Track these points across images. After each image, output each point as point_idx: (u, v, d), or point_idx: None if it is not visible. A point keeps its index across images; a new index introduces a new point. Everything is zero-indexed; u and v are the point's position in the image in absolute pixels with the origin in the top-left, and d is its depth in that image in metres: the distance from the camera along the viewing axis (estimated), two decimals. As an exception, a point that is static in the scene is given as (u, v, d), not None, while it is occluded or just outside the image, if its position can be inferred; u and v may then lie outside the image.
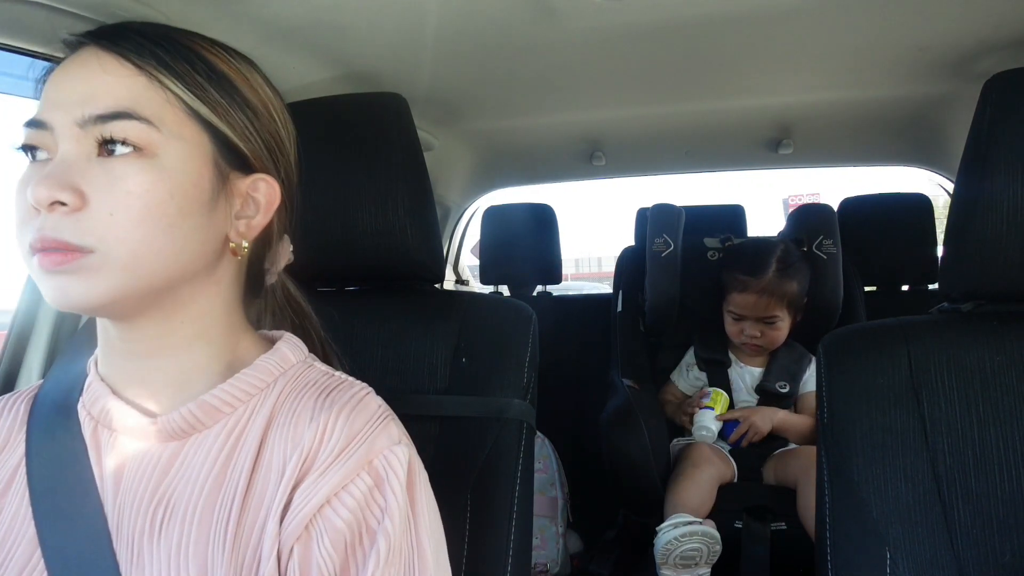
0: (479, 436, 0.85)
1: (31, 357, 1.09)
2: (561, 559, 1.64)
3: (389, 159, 0.90)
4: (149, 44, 0.51)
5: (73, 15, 0.85)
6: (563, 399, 1.96)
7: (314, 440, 0.52)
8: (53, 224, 0.47)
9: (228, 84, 0.54)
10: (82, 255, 0.47)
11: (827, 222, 1.65)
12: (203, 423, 0.54)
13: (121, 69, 0.50)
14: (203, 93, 0.52)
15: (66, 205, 0.47)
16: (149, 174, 0.49)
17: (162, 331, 0.54)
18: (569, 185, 2.43)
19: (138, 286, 0.50)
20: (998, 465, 0.76)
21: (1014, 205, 0.75)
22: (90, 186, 0.48)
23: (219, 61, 0.55)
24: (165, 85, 0.51)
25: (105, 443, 0.54)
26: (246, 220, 0.56)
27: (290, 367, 0.58)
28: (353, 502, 0.50)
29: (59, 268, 0.47)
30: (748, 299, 1.57)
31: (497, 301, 0.99)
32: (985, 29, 1.14)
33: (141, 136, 0.49)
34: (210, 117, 0.52)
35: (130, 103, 0.49)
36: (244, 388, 0.55)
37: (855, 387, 0.82)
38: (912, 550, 0.74)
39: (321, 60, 1.20)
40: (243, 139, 0.55)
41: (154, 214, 0.49)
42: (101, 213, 0.47)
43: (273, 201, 0.58)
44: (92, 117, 0.48)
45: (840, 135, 1.86)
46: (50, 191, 0.46)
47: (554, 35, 1.14)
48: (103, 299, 0.49)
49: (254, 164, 0.56)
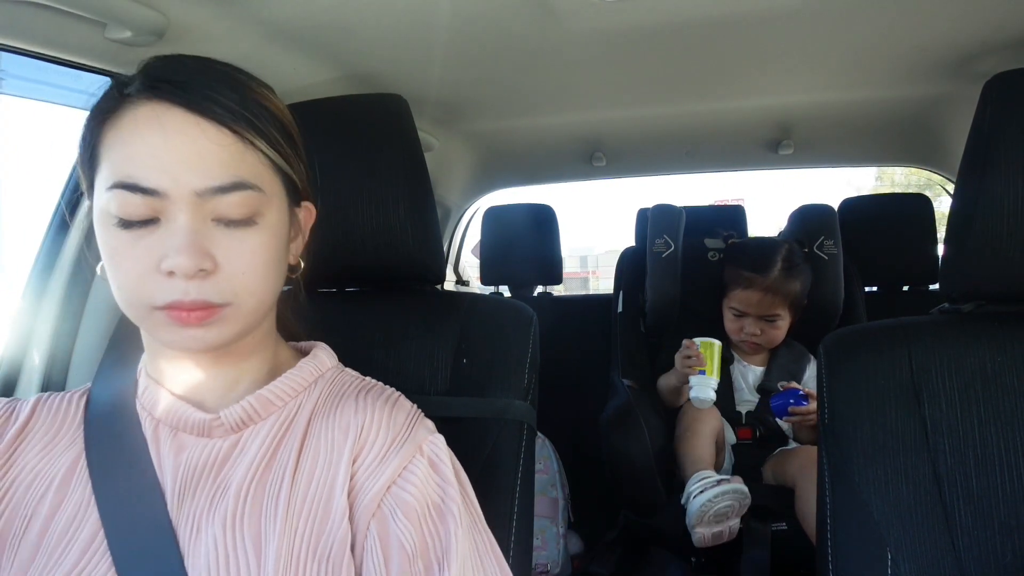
0: (480, 437, 0.85)
1: (30, 359, 1.09)
2: (562, 560, 1.64)
3: (390, 160, 0.90)
4: (238, 108, 0.55)
5: (73, 15, 0.85)
6: (564, 400, 1.96)
7: (361, 428, 0.60)
8: (197, 288, 0.53)
9: (286, 129, 0.60)
10: (223, 309, 0.54)
11: (828, 222, 1.65)
12: (259, 415, 0.61)
13: (222, 137, 0.54)
14: (282, 149, 0.58)
15: (206, 271, 0.53)
16: (263, 234, 0.56)
17: (233, 346, 0.60)
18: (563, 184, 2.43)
19: (257, 321, 0.59)
20: (999, 466, 0.76)
21: (1014, 205, 0.75)
22: (219, 250, 0.54)
23: (273, 106, 0.59)
24: (255, 145, 0.56)
25: (164, 438, 0.60)
26: (296, 243, 0.65)
27: (327, 370, 0.67)
28: (417, 480, 0.58)
29: (206, 323, 0.54)
30: (752, 296, 1.57)
31: (498, 302, 0.99)
32: (986, 30, 1.14)
33: (254, 204, 0.55)
34: (286, 169, 0.59)
35: (242, 173, 0.54)
36: (292, 385, 0.63)
37: (856, 388, 0.82)
38: (913, 551, 0.74)
39: (322, 61, 1.20)
40: (298, 175, 0.61)
41: (270, 266, 0.57)
42: (234, 274, 0.54)
43: (310, 222, 0.66)
44: (211, 189, 0.53)
45: (840, 135, 1.86)
46: (195, 262, 0.52)
47: (555, 36, 1.14)
48: (231, 339, 0.57)
49: (303, 194, 0.63)
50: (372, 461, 0.59)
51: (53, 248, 1.10)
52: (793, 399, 1.47)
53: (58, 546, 0.55)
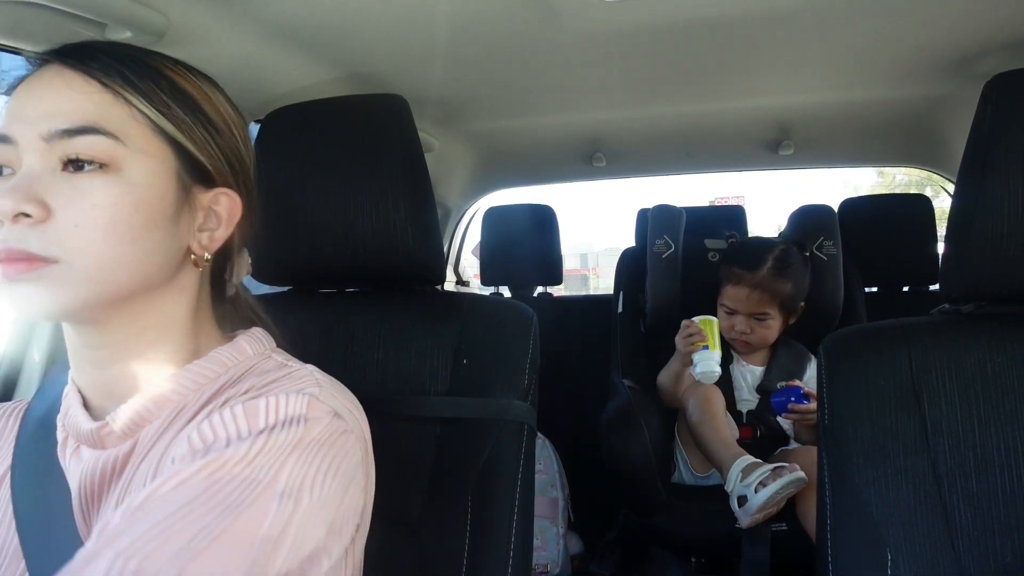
0: (480, 437, 0.85)
1: (30, 359, 1.09)
2: (562, 560, 1.64)
3: (390, 160, 0.90)
4: (114, 63, 0.52)
5: (73, 15, 0.85)
6: (564, 400, 1.96)
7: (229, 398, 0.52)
8: (17, 235, 0.47)
9: (191, 102, 0.55)
10: (46, 265, 0.48)
11: (827, 223, 1.66)
12: (153, 413, 0.54)
13: (87, 86, 0.51)
14: (167, 110, 0.53)
15: (31, 217, 0.47)
16: (115, 187, 0.50)
17: (124, 337, 0.54)
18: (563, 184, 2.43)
19: (101, 296, 0.50)
20: (999, 466, 0.76)
21: (1015, 206, 0.75)
22: (55, 199, 0.48)
23: (182, 80, 0.56)
24: (130, 102, 0.51)
25: (70, 452, 0.56)
26: (208, 233, 0.57)
27: (245, 358, 0.59)
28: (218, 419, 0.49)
29: (22, 276, 0.47)
30: (740, 292, 1.57)
31: (498, 302, 0.99)
32: (986, 30, 1.14)
33: (107, 151, 0.50)
34: (174, 133, 0.53)
35: (96, 118, 0.50)
36: (193, 377, 0.56)
37: (856, 388, 0.82)
38: (913, 551, 0.74)
39: (322, 61, 1.20)
40: (205, 154, 0.56)
41: (119, 226, 0.49)
42: (66, 225, 0.48)
43: (235, 214, 0.59)
44: (58, 132, 0.49)
45: (840, 136, 1.86)
46: (15, 203, 0.47)
47: (554, 36, 1.14)
48: (65, 308, 0.49)
49: (216, 178, 0.57)
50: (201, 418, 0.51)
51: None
52: (794, 397, 1.48)
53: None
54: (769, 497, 1.26)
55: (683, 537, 1.50)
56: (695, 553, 1.56)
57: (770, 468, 1.30)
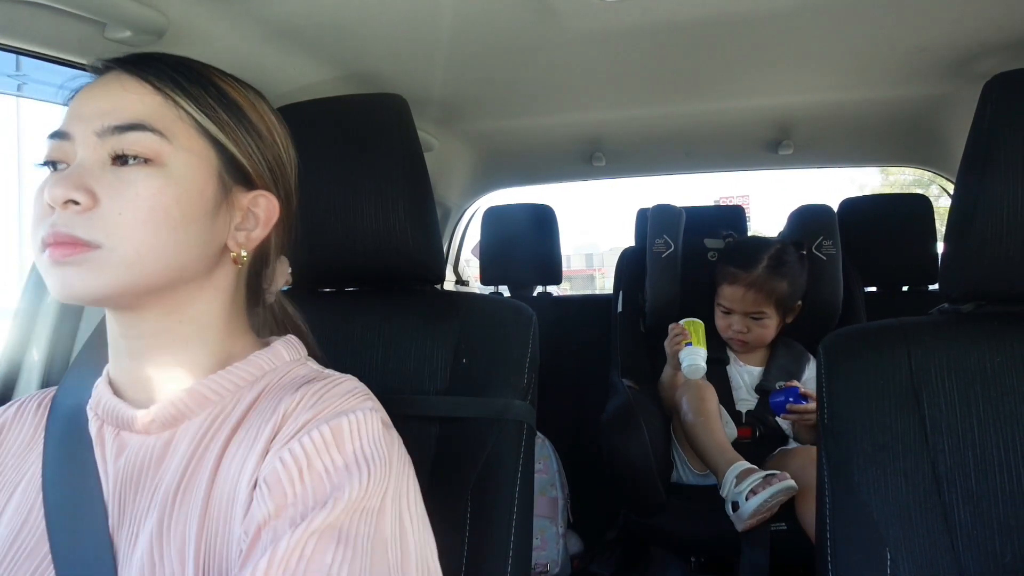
0: (479, 437, 0.85)
1: (30, 359, 1.09)
2: (561, 560, 1.64)
3: (389, 159, 0.90)
4: (168, 69, 0.57)
5: (73, 15, 0.85)
6: (563, 399, 1.96)
7: (287, 409, 0.55)
8: (66, 220, 0.51)
9: (236, 108, 0.59)
10: (90, 249, 0.51)
11: (827, 223, 1.66)
12: (193, 411, 0.57)
13: (140, 88, 0.55)
14: (213, 113, 0.57)
15: (79, 204, 0.51)
16: (157, 180, 0.53)
17: (160, 329, 0.58)
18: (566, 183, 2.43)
19: (139, 282, 0.53)
20: (998, 466, 0.76)
21: (1014, 205, 0.75)
22: (102, 189, 0.52)
23: (230, 88, 0.60)
24: (179, 104, 0.56)
25: (108, 439, 0.58)
26: (246, 232, 0.60)
27: (282, 363, 0.62)
28: (310, 441, 0.51)
29: (67, 259, 0.51)
30: (736, 292, 1.57)
31: (497, 302, 0.99)
32: (985, 30, 1.14)
33: (152, 146, 0.53)
34: (217, 134, 0.57)
35: (145, 116, 0.54)
36: (233, 379, 0.59)
37: (855, 388, 0.82)
38: (912, 551, 0.74)
39: (322, 61, 1.20)
40: (247, 157, 0.59)
41: (159, 216, 0.53)
42: (111, 212, 0.51)
43: (272, 216, 0.62)
44: (109, 128, 0.53)
45: (840, 136, 1.86)
46: (65, 190, 0.50)
47: (554, 36, 1.14)
48: (105, 291, 0.52)
49: (256, 181, 0.61)
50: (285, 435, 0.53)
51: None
52: (792, 397, 1.48)
53: (9, 550, 0.55)
54: (759, 505, 1.28)
55: (683, 537, 1.50)
56: (695, 553, 1.56)
57: (761, 476, 1.31)
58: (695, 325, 1.56)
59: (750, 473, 1.33)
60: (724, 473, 1.37)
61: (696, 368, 1.51)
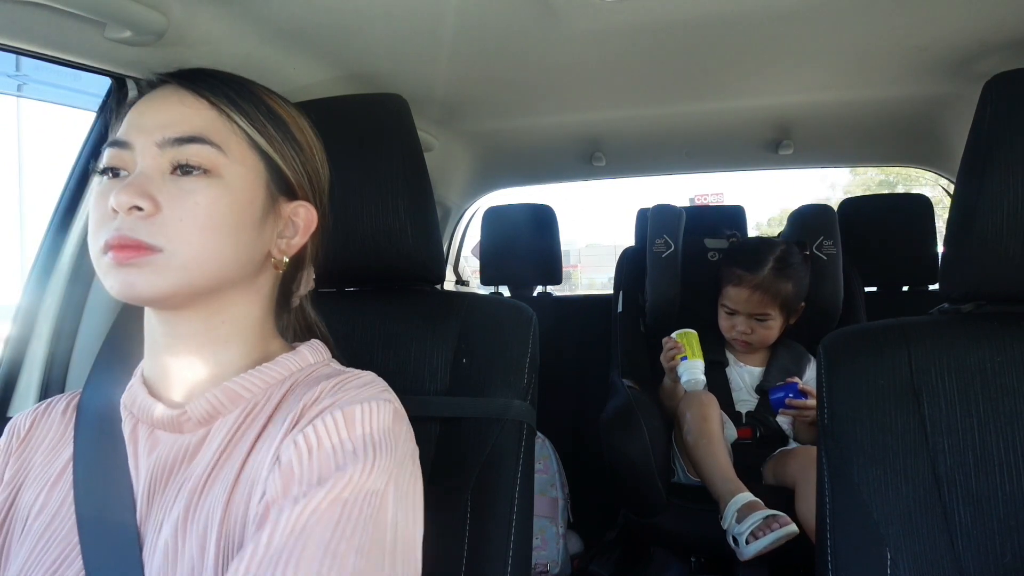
0: (479, 437, 0.85)
1: (30, 359, 1.09)
2: (561, 559, 1.64)
3: (389, 160, 0.90)
4: (222, 85, 0.61)
5: (73, 15, 0.85)
6: (563, 399, 1.96)
7: (308, 402, 0.58)
8: (130, 225, 0.54)
9: (282, 124, 0.64)
10: (152, 253, 0.54)
11: (827, 223, 1.65)
12: (226, 407, 0.60)
13: (197, 103, 0.59)
14: (263, 128, 0.61)
15: (143, 210, 0.54)
16: (215, 190, 0.57)
17: (203, 328, 0.61)
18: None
19: (195, 284, 0.57)
20: (998, 466, 0.76)
21: (1014, 205, 0.75)
22: (164, 196, 0.55)
23: (276, 106, 0.64)
24: (233, 119, 0.59)
25: (142, 437, 0.61)
26: (287, 240, 0.65)
27: (307, 365, 0.65)
28: (321, 425, 0.54)
29: (131, 261, 0.54)
30: (742, 293, 1.57)
31: (497, 302, 0.99)
32: (985, 29, 1.14)
33: (210, 158, 0.57)
34: (267, 148, 0.61)
35: (203, 130, 0.57)
36: (264, 378, 0.62)
37: (855, 388, 0.82)
38: (912, 551, 0.74)
39: (322, 61, 1.20)
40: (291, 169, 0.64)
41: (216, 223, 0.57)
42: (172, 219, 0.55)
43: (311, 225, 0.66)
44: (170, 139, 0.56)
45: (840, 135, 1.86)
46: (131, 197, 0.54)
47: (554, 36, 1.14)
48: (164, 292, 0.56)
49: (297, 192, 0.65)
50: (303, 422, 0.55)
51: (53, 248, 1.10)
52: (792, 393, 1.48)
53: (38, 544, 0.58)
54: (759, 550, 1.26)
55: (683, 537, 1.50)
56: (695, 553, 1.56)
57: (762, 517, 1.28)
58: (688, 336, 1.55)
59: (752, 510, 1.29)
60: (726, 503, 1.34)
61: (696, 382, 1.51)
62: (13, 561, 0.58)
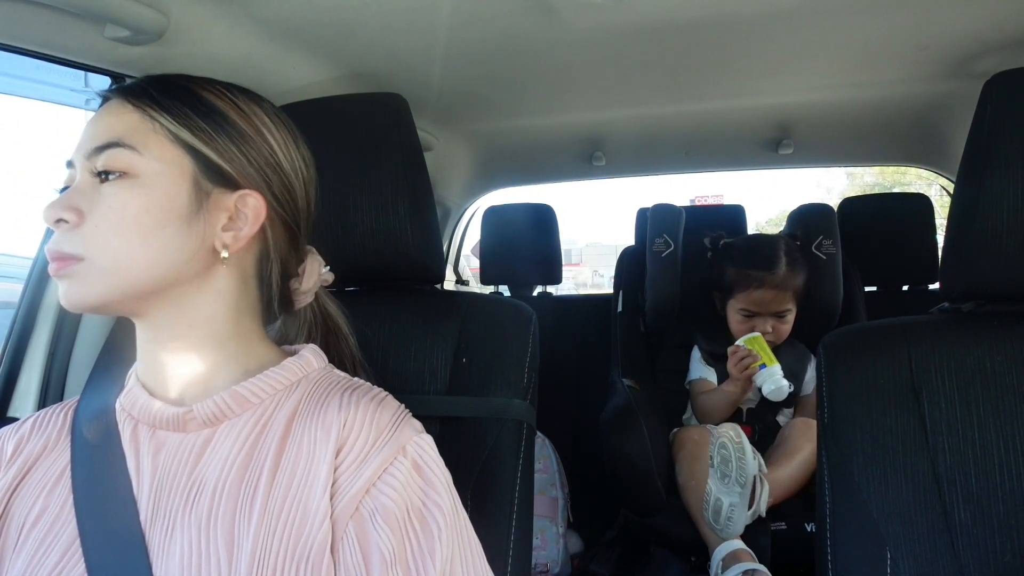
0: (479, 436, 0.85)
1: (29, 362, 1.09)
2: (561, 559, 1.64)
3: (389, 159, 0.90)
4: (147, 86, 0.61)
5: (72, 15, 0.85)
6: (563, 399, 1.96)
7: (343, 425, 0.59)
8: (57, 238, 0.57)
9: (216, 114, 0.61)
10: (75, 262, 0.56)
11: (827, 222, 1.65)
12: (233, 411, 0.60)
13: (121, 109, 0.59)
14: (187, 121, 0.60)
15: (68, 222, 0.56)
16: (129, 191, 0.57)
17: (175, 334, 0.61)
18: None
19: (124, 288, 0.57)
20: (998, 465, 0.76)
21: (1014, 205, 0.75)
22: (87, 206, 0.57)
23: (212, 97, 0.62)
24: (153, 117, 0.59)
25: (144, 438, 0.61)
26: (234, 232, 0.62)
27: (312, 371, 0.66)
28: (397, 483, 0.57)
29: (60, 273, 0.56)
30: (766, 295, 1.56)
31: (497, 301, 0.99)
32: (985, 29, 1.14)
33: (124, 160, 0.57)
34: (191, 141, 0.59)
35: (120, 134, 0.58)
36: (271, 383, 0.62)
37: (855, 387, 0.82)
38: (912, 550, 0.74)
39: (322, 60, 1.20)
40: (226, 159, 0.61)
41: (129, 224, 0.56)
42: (91, 226, 0.56)
43: (259, 215, 0.63)
44: (92, 150, 0.57)
45: (840, 135, 1.86)
46: (53, 211, 0.56)
47: (554, 35, 1.14)
48: (96, 299, 0.57)
49: (240, 181, 0.62)
50: (353, 460, 0.57)
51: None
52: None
53: (39, 549, 0.58)
54: None
55: (683, 536, 1.50)
56: (695, 553, 1.56)
57: (742, 570, 1.28)
58: (758, 342, 1.50)
59: (735, 560, 1.30)
60: (713, 548, 1.35)
61: (780, 390, 1.46)
62: (9, 571, 0.58)
